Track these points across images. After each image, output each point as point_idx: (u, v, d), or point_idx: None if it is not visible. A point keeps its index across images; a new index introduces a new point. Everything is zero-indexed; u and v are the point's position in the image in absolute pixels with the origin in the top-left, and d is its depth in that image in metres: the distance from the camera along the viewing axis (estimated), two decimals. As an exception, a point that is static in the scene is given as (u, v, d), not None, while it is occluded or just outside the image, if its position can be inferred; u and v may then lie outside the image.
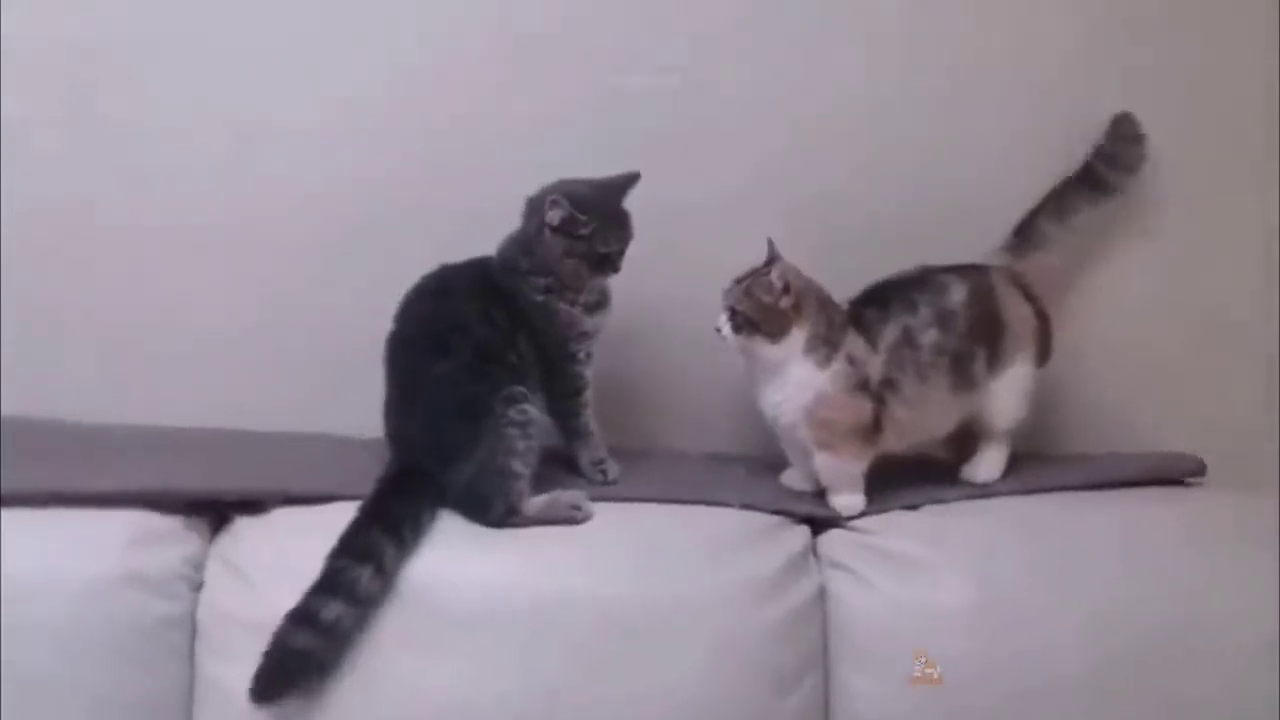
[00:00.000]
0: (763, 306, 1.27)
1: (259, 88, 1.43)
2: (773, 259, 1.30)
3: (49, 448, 1.29)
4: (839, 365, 1.28)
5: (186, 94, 1.42)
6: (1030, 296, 1.38)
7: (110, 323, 1.45)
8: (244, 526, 1.23)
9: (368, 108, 1.44)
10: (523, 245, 1.28)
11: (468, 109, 1.45)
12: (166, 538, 1.20)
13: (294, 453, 1.35)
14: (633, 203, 1.30)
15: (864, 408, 1.28)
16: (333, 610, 1.10)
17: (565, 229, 1.24)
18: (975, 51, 1.48)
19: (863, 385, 1.28)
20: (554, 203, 1.24)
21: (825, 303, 1.30)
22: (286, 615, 1.10)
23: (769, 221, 1.35)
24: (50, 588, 1.14)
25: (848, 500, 1.31)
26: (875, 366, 1.29)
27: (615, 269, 1.29)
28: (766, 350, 1.28)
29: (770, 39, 1.46)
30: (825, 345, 1.28)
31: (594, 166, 1.32)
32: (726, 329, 1.29)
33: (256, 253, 1.46)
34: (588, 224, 1.24)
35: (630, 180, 1.28)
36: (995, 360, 1.33)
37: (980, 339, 1.32)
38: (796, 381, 1.28)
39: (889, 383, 1.29)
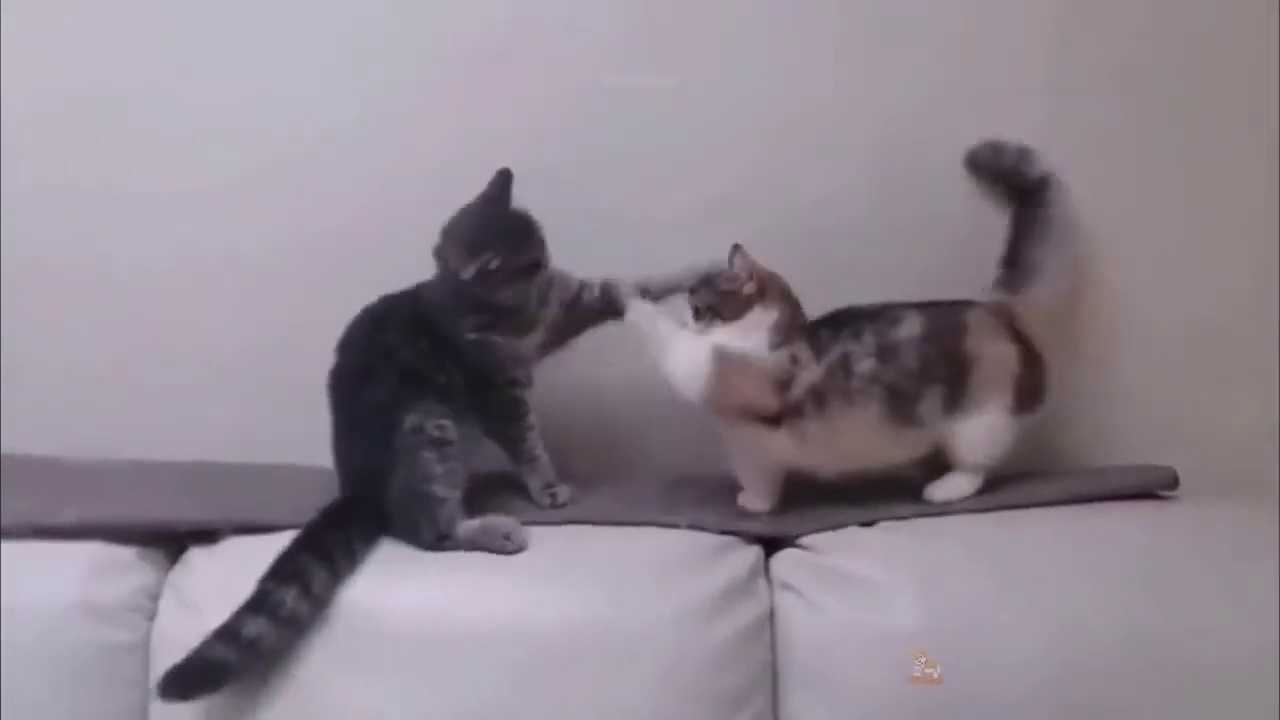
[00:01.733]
0: (723, 293, 1.30)
1: (247, 121, 1.47)
2: (734, 257, 1.31)
3: (17, 483, 1.32)
4: (781, 356, 1.28)
5: (175, 134, 1.47)
6: (1019, 336, 1.33)
7: (103, 360, 1.50)
8: (196, 556, 1.26)
9: (357, 131, 1.47)
10: (450, 292, 1.28)
11: (460, 121, 1.47)
12: (121, 568, 1.23)
13: (252, 483, 1.38)
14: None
15: (767, 398, 1.28)
16: (254, 627, 1.12)
17: (482, 273, 1.24)
18: (972, 55, 1.47)
19: (783, 386, 1.28)
20: (458, 262, 1.24)
21: (789, 295, 1.32)
22: (212, 630, 1.12)
23: (754, 230, 1.35)
24: (6, 616, 1.17)
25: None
26: (813, 375, 1.28)
27: (544, 264, 1.28)
28: (728, 331, 1.29)
29: (763, 45, 1.47)
30: (780, 334, 1.29)
31: (591, 169, 1.36)
32: (691, 323, 1.32)
33: (249, 286, 1.50)
34: (494, 255, 1.23)
35: (505, 180, 1.28)
36: (957, 400, 1.30)
37: (936, 378, 1.29)
38: (742, 341, 1.29)
39: (818, 397, 1.28)
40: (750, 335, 1.30)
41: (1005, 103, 1.46)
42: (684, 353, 1.30)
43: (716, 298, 1.31)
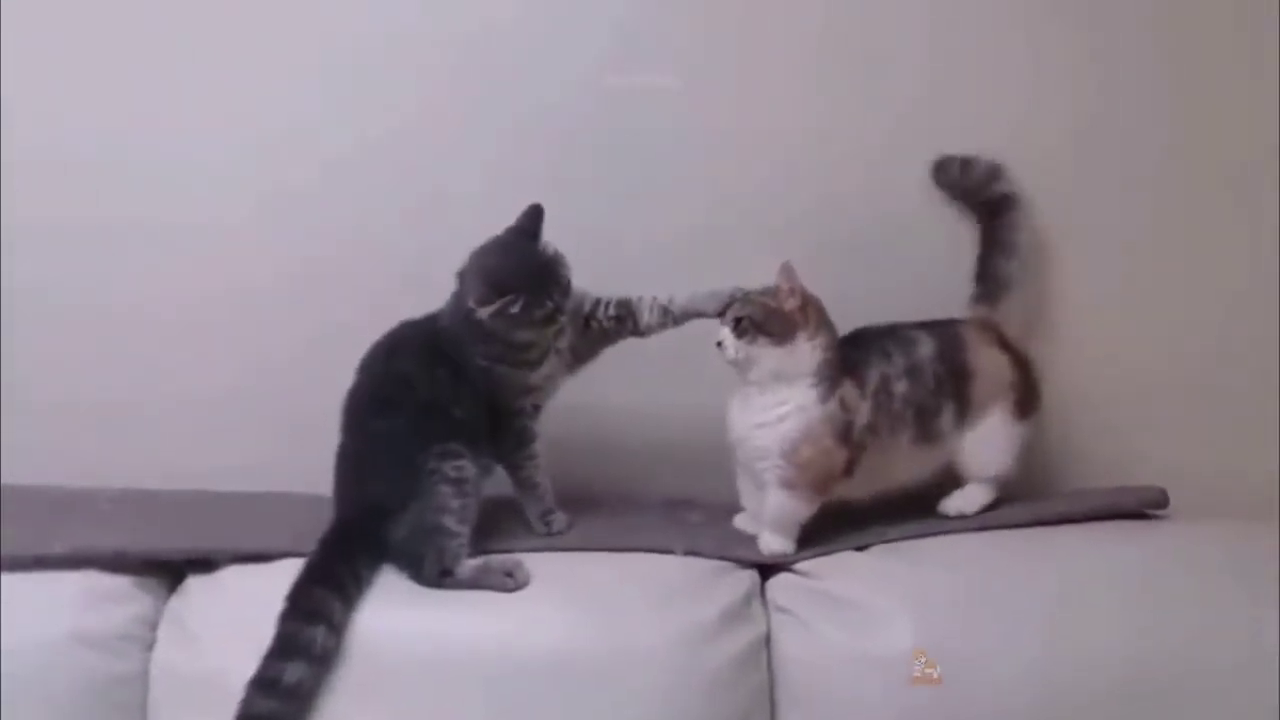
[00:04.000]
0: (768, 309, 1.27)
1: (240, 149, 1.47)
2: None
3: (12, 513, 1.31)
4: (833, 405, 1.27)
5: (174, 169, 1.47)
6: (1006, 345, 1.36)
7: (102, 391, 1.50)
8: (195, 585, 1.26)
9: (354, 154, 1.47)
10: (464, 319, 1.26)
11: (458, 122, 1.47)
12: (117, 598, 1.23)
13: (248, 512, 1.38)
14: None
15: (841, 457, 1.28)
16: (294, 672, 1.12)
17: (500, 314, 1.23)
18: (978, 66, 1.48)
19: (846, 433, 1.27)
20: (479, 301, 1.22)
21: (828, 322, 1.30)
22: (249, 683, 1.12)
23: (752, 232, 1.38)
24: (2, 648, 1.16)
25: (777, 543, 1.30)
26: (863, 412, 1.28)
27: (565, 312, 1.27)
28: (770, 357, 1.27)
29: (762, 48, 1.47)
30: (828, 379, 1.27)
31: (590, 168, 1.37)
32: (728, 339, 1.28)
33: (244, 318, 1.50)
34: (516, 299, 1.23)
35: (536, 215, 1.26)
36: (965, 412, 1.33)
37: (948, 393, 1.32)
38: (796, 405, 1.26)
39: (872, 428, 1.29)
40: (800, 369, 1.27)
41: (1006, 108, 1.48)
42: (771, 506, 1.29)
43: (761, 313, 1.27)
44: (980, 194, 1.43)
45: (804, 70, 1.47)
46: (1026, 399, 1.36)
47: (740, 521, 1.37)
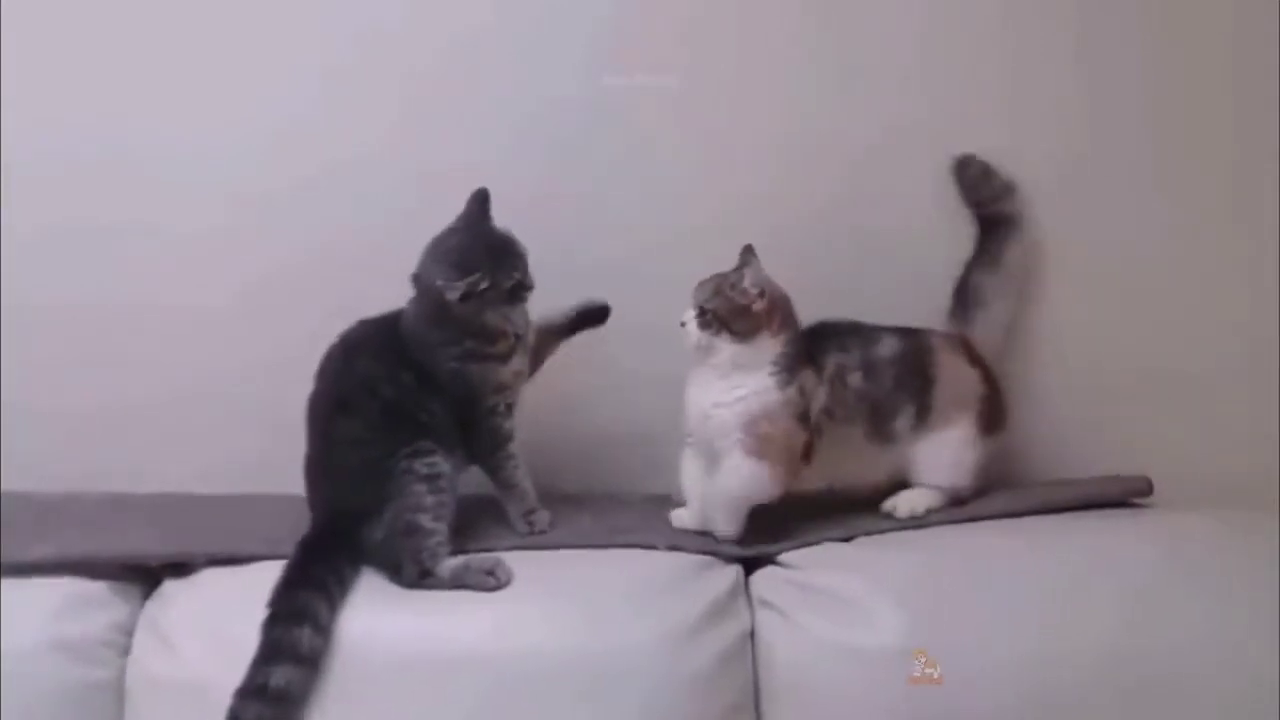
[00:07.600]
0: (735, 306, 1.26)
1: (235, 151, 1.47)
2: (745, 263, 1.28)
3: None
4: (792, 392, 1.27)
5: (170, 175, 1.47)
6: (976, 361, 1.37)
7: (86, 396, 1.49)
8: (171, 590, 1.24)
9: (346, 153, 1.46)
10: (431, 321, 1.26)
11: (455, 122, 1.47)
12: (93, 604, 1.21)
13: (224, 514, 1.36)
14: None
15: (800, 438, 1.27)
16: (280, 676, 1.10)
17: (468, 295, 1.23)
18: (975, 67, 1.47)
19: (805, 416, 1.27)
20: (447, 284, 1.22)
21: (793, 319, 1.30)
22: (236, 691, 1.10)
23: (745, 237, 1.34)
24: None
25: (730, 525, 1.29)
26: (820, 396, 1.28)
27: (529, 287, 1.28)
28: (730, 350, 1.26)
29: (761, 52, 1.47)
30: (787, 370, 1.27)
31: (585, 168, 1.40)
32: (692, 325, 1.28)
33: (227, 321, 1.49)
34: (483, 276, 1.23)
35: (483, 200, 1.27)
36: (924, 418, 1.32)
37: (907, 395, 1.32)
38: (753, 389, 1.26)
39: (828, 411, 1.29)
40: (759, 361, 1.26)
41: (1003, 109, 1.47)
42: (732, 473, 1.27)
43: (727, 309, 1.26)
44: (987, 205, 1.44)
45: (800, 71, 1.47)
46: (993, 415, 1.36)
47: (676, 518, 1.34)
